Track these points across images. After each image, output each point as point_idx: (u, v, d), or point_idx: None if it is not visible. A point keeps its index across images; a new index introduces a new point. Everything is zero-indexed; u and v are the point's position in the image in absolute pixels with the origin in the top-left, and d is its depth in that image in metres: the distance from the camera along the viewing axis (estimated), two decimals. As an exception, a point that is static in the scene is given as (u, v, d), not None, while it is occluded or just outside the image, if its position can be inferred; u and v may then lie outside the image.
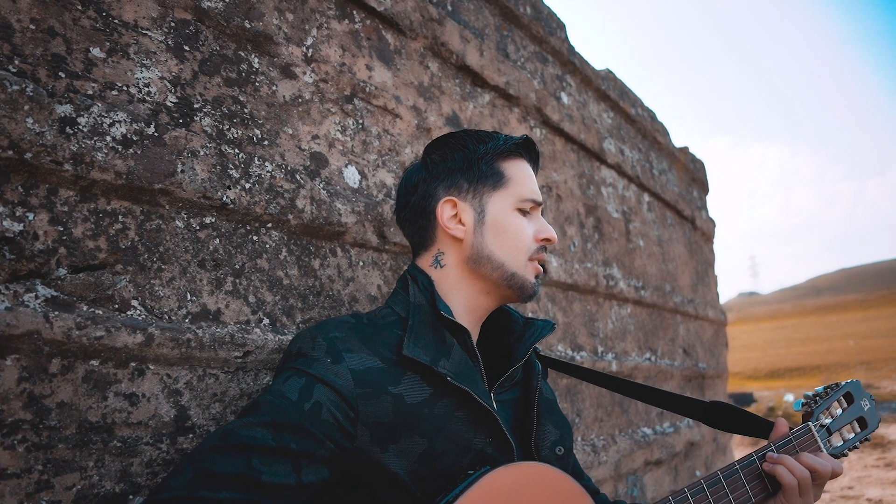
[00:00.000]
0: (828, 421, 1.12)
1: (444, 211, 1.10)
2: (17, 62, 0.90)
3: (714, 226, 4.16)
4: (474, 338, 1.11)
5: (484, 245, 1.08)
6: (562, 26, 2.64)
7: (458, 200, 1.10)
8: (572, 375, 1.28)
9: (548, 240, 1.12)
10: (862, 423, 1.16)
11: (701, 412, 1.14)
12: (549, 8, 2.57)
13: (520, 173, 1.13)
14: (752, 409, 8.02)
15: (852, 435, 1.14)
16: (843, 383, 1.16)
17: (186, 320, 1.06)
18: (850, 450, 1.13)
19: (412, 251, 1.19)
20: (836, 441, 1.12)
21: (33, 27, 0.93)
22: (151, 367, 0.99)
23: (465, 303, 1.10)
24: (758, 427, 1.11)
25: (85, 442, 0.90)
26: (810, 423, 1.10)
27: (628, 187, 3.06)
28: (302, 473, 0.84)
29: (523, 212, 1.12)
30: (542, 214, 1.16)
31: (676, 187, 3.71)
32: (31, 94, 0.88)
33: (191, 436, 1.04)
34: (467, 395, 0.96)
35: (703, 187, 4.18)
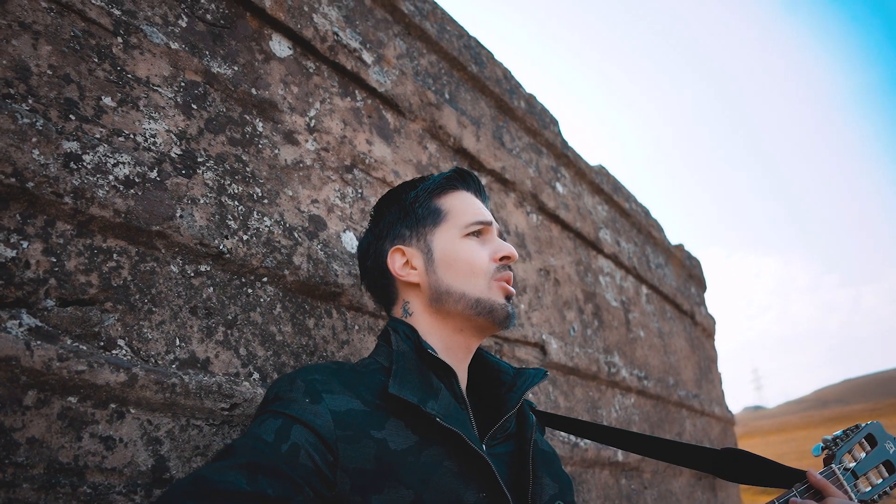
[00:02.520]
0: (852, 464, 1.04)
1: (395, 261, 1.11)
2: (30, 101, 0.94)
3: (714, 323, 4.13)
4: (461, 382, 1.07)
5: (440, 281, 1.07)
6: (555, 121, 2.77)
7: (404, 248, 1.11)
8: (570, 432, 1.22)
9: (507, 257, 1.09)
10: (889, 467, 1.07)
11: (712, 462, 1.06)
12: (542, 104, 2.71)
13: (459, 203, 1.14)
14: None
15: (880, 480, 1.06)
16: (862, 425, 1.09)
17: (173, 366, 1.02)
18: (880, 496, 1.04)
19: (387, 312, 1.19)
20: (864, 486, 1.04)
21: (50, 72, 0.98)
22: (132, 411, 0.95)
23: (444, 344, 1.07)
24: (781, 476, 1.03)
25: (52, 484, 0.84)
26: (833, 465, 1.03)
27: (626, 278, 3.07)
28: None
29: (476, 235, 1.10)
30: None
31: (674, 282, 3.72)
32: (40, 128, 0.91)
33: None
34: (457, 439, 0.91)
35: (701, 284, 4.20)
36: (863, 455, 1.07)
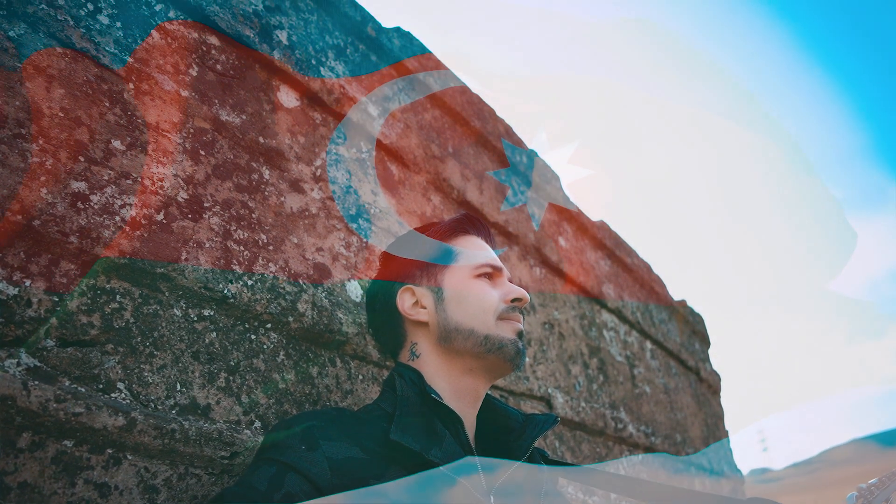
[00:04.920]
0: None
1: (404, 300, 1.10)
2: (41, 142, 0.94)
3: (720, 379, 4.06)
4: (468, 430, 1.03)
5: (449, 319, 1.06)
6: (556, 177, 2.80)
7: (414, 288, 1.11)
8: (584, 481, 1.17)
9: (518, 299, 1.08)
10: None
11: None
12: (543, 160, 2.74)
13: (469, 245, 1.14)
14: None
15: None
16: None
17: (173, 411, 0.99)
18: None
19: (393, 359, 1.17)
20: None
21: (62, 114, 0.99)
22: (129, 458, 0.91)
23: (451, 388, 1.04)
24: None
25: (43, 535, 0.79)
26: None
27: (630, 333, 3.03)
28: None
29: (487, 277, 1.10)
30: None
31: (678, 338, 3.67)
32: (49, 167, 0.91)
33: (163, 544, 0.92)
34: (462, 488, 0.87)
35: (704, 340, 4.15)
36: None
